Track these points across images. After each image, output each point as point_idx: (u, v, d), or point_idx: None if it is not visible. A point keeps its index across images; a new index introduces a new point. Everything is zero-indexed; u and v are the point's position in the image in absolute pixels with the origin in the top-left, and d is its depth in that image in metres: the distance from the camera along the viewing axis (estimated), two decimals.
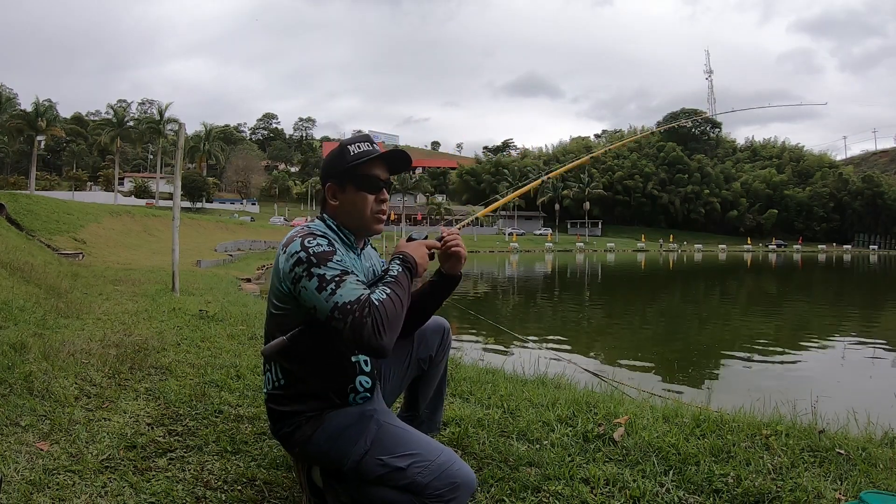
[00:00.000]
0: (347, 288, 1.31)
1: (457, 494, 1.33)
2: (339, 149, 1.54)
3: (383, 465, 1.36)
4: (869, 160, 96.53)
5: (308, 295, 1.33)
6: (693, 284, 21.63)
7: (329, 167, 1.54)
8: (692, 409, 2.62)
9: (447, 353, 1.86)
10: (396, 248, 1.54)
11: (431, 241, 1.58)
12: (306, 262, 1.33)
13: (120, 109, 62.77)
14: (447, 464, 1.35)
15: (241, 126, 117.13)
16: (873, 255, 56.41)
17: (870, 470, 1.90)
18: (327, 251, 1.35)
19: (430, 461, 1.35)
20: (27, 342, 3.02)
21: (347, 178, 1.49)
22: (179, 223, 7.23)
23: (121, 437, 1.98)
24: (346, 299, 1.29)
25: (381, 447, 1.38)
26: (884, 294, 18.12)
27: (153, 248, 18.48)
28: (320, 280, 1.31)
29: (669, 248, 59.29)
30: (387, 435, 1.41)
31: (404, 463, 1.35)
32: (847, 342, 8.39)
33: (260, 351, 1.44)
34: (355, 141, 1.53)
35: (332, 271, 1.33)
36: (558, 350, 7.02)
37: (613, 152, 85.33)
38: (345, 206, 1.50)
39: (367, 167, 1.49)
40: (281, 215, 66.16)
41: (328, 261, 1.34)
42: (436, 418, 1.92)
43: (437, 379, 1.86)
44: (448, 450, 1.41)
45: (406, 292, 1.41)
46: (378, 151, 1.51)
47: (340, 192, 1.51)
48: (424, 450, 1.38)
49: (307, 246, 1.35)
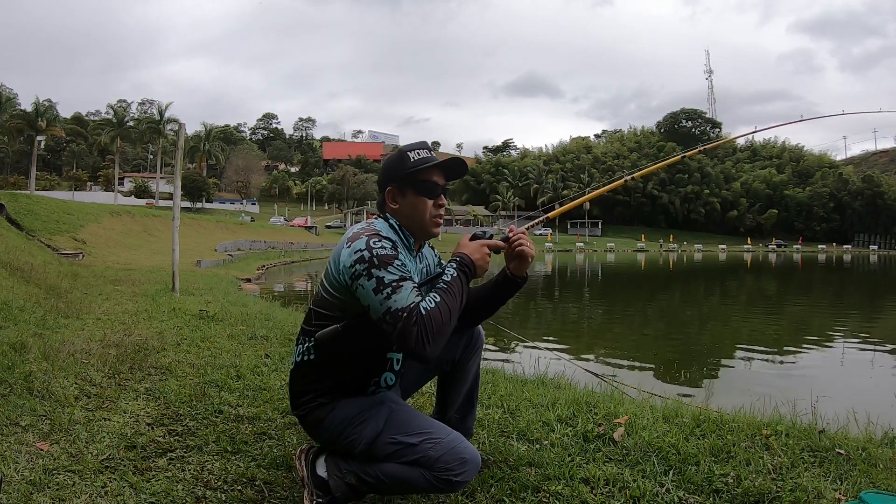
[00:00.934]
0: (403, 294, 1.35)
1: (465, 469, 1.42)
2: (399, 155, 1.57)
3: (396, 444, 1.44)
4: (869, 160, 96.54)
5: (364, 294, 1.38)
6: (693, 284, 21.63)
7: (389, 172, 1.57)
8: (692, 409, 2.62)
9: (476, 356, 1.80)
10: (457, 246, 1.57)
11: (495, 242, 1.59)
12: (368, 262, 1.37)
13: (120, 109, 62.83)
14: (456, 441, 1.44)
15: (241, 126, 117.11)
16: (873, 255, 56.39)
17: (870, 470, 1.90)
18: (390, 254, 1.39)
19: (441, 438, 1.44)
20: (27, 342, 3.02)
21: (408, 183, 1.54)
22: (179, 223, 7.22)
23: (121, 437, 1.98)
24: (399, 305, 1.34)
25: (393, 427, 1.46)
26: (884, 294, 18.11)
27: (153, 248, 18.47)
28: (379, 282, 1.36)
29: (669, 248, 59.30)
30: (399, 416, 1.49)
31: (416, 440, 1.43)
32: (847, 342, 8.39)
33: (315, 335, 1.48)
34: (414, 148, 1.57)
35: (392, 275, 1.36)
36: (558, 350, 7.02)
37: (614, 152, 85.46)
38: (405, 210, 1.55)
39: (426, 173, 1.54)
40: (281, 215, 66.12)
41: (389, 264, 1.38)
42: (466, 425, 1.84)
43: (465, 384, 1.80)
44: (456, 432, 1.49)
45: (458, 298, 1.44)
46: (436, 159, 1.55)
47: (401, 197, 1.55)
48: (435, 428, 1.47)
49: (372, 246, 1.39)
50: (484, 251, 1.55)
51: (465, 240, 1.58)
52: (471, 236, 1.59)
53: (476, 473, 1.48)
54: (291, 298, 10.74)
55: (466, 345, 1.76)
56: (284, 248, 29.17)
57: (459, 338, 1.73)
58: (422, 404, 2.51)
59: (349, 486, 1.48)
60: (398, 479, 1.45)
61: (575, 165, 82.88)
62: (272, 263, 21.45)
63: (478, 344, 1.79)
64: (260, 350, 3.61)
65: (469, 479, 1.45)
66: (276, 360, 3.30)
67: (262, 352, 3.55)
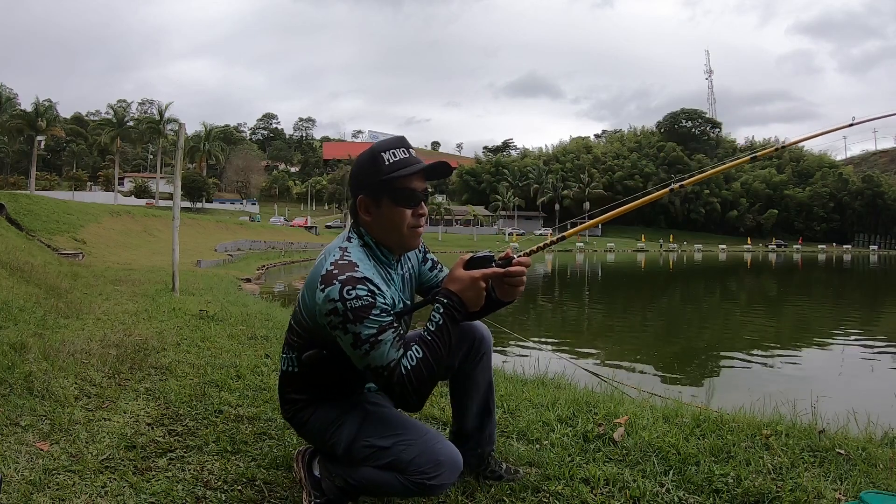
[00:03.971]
0: (381, 351, 1.27)
1: (440, 472, 1.32)
2: (371, 157, 1.37)
3: (370, 447, 1.38)
4: (869, 160, 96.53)
5: (343, 344, 1.32)
6: (693, 284, 21.63)
7: (361, 177, 1.38)
8: (692, 409, 2.62)
9: (483, 363, 1.66)
10: (449, 276, 1.37)
11: (494, 270, 1.36)
12: (342, 317, 1.27)
13: (120, 109, 62.93)
14: (431, 442, 1.35)
15: (241, 126, 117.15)
16: (873, 255, 56.39)
17: (870, 470, 1.90)
18: (365, 305, 1.26)
19: (414, 439, 1.35)
20: (27, 342, 3.02)
21: (382, 190, 1.35)
22: (179, 223, 7.22)
23: (121, 437, 1.98)
24: (378, 363, 1.28)
25: (368, 430, 1.41)
26: (884, 294, 18.12)
27: (153, 248, 18.47)
28: (355, 338, 1.27)
29: (669, 248, 59.26)
30: (374, 418, 1.44)
31: (388, 442, 1.36)
32: (847, 342, 8.39)
33: (301, 358, 1.44)
34: (389, 147, 1.37)
35: (369, 330, 1.26)
36: (558, 350, 7.02)
37: (614, 152, 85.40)
38: (380, 222, 1.38)
39: (404, 180, 1.35)
40: (281, 215, 66.11)
41: (365, 318, 1.26)
42: (485, 434, 1.71)
43: (477, 392, 1.67)
44: (435, 432, 1.41)
45: (444, 348, 1.31)
46: (416, 159, 1.37)
47: (375, 207, 1.38)
48: (410, 430, 1.38)
49: (346, 298, 1.26)
50: (479, 287, 1.33)
51: (459, 269, 1.35)
52: (467, 261, 1.36)
53: (456, 476, 1.36)
54: (291, 298, 10.73)
55: (467, 353, 1.63)
56: (284, 248, 29.20)
57: (459, 344, 1.61)
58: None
59: (339, 488, 1.46)
60: (376, 484, 1.38)
61: (575, 165, 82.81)
62: (272, 263, 21.45)
63: (482, 350, 1.65)
64: (260, 350, 3.61)
65: (447, 483, 1.34)
66: (276, 360, 3.30)
67: (262, 352, 3.55)
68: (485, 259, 1.36)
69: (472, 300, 1.33)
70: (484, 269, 1.35)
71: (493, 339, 1.73)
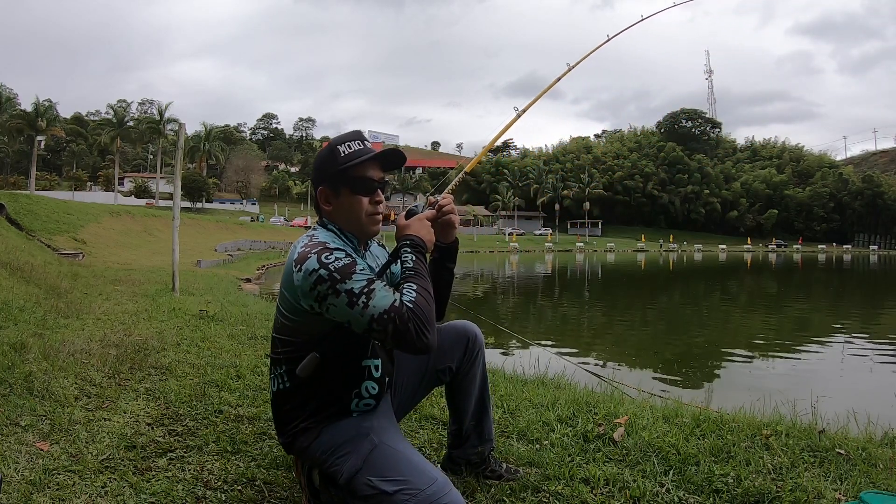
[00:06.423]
0: (379, 296, 1.27)
1: None
2: (329, 149, 1.46)
3: (372, 487, 1.31)
4: (869, 160, 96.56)
5: (338, 311, 1.29)
6: (693, 284, 21.62)
7: (320, 170, 1.47)
8: (692, 409, 2.62)
9: (478, 361, 1.73)
10: (400, 228, 1.48)
11: (430, 212, 1.53)
12: (329, 280, 1.27)
13: (120, 109, 62.96)
14: (437, 495, 1.26)
15: (241, 126, 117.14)
16: (873, 255, 56.38)
17: (870, 470, 1.90)
18: (348, 264, 1.30)
19: (420, 490, 1.27)
20: (27, 342, 3.02)
21: (340, 180, 1.43)
22: (179, 223, 7.23)
23: (121, 437, 1.98)
24: (381, 309, 1.26)
25: (372, 468, 1.33)
26: (884, 294, 18.12)
27: (153, 248, 18.47)
28: (349, 295, 1.27)
29: (669, 248, 59.25)
30: (380, 456, 1.36)
31: (392, 488, 1.29)
32: (847, 342, 8.39)
33: (296, 371, 1.39)
34: (345, 140, 1.45)
35: (359, 283, 1.28)
36: (558, 350, 7.01)
37: (614, 152, 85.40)
38: (340, 211, 1.45)
39: (360, 168, 1.43)
40: (281, 215, 66.10)
41: (352, 273, 1.28)
42: (484, 430, 1.77)
43: (473, 389, 1.73)
44: (443, 479, 1.31)
45: (428, 280, 1.38)
46: (371, 150, 1.45)
47: (334, 197, 1.45)
48: (416, 477, 1.30)
49: (325, 262, 1.29)
50: (427, 227, 1.48)
51: (403, 220, 1.50)
52: (405, 213, 1.52)
53: None
54: None
55: (464, 353, 1.69)
56: (284, 248, 29.17)
57: (455, 346, 1.67)
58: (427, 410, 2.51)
59: None
60: None
61: (575, 165, 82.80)
62: (272, 263, 21.43)
63: (476, 348, 1.72)
64: (260, 350, 3.61)
65: None
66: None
67: (262, 352, 3.55)
68: (416, 209, 1.54)
69: (426, 236, 1.46)
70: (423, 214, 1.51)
71: (484, 338, 1.80)
